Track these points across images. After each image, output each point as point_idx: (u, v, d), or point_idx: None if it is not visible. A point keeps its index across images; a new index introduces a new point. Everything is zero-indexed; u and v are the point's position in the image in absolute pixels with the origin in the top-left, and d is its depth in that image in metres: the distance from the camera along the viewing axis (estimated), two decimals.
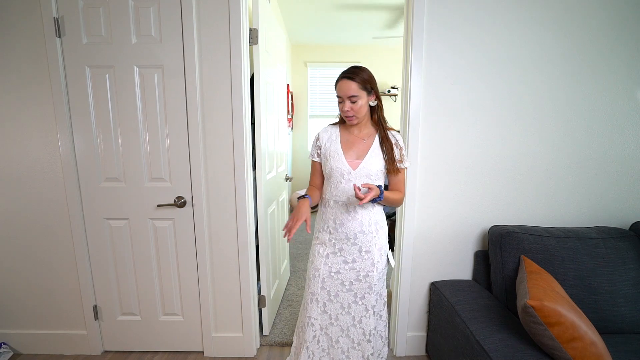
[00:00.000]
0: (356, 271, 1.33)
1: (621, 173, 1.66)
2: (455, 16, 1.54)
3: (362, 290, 1.33)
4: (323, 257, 1.35)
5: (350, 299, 1.34)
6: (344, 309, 1.35)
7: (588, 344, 1.03)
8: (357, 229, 1.31)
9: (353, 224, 1.31)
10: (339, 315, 1.35)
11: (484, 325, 1.28)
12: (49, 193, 1.67)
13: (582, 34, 1.55)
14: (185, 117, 1.60)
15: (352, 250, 1.33)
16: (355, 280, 1.33)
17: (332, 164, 1.32)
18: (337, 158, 1.32)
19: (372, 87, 1.28)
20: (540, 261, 1.43)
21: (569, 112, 1.62)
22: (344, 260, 1.34)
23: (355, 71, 1.26)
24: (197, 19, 1.53)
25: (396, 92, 4.98)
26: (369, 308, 1.34)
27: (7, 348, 1.79)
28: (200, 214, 1.68)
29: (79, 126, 1.61)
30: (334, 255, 1.34)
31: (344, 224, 1.31)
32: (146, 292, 1.77)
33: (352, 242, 1.32)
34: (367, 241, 1.33)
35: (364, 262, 1.33)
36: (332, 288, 1.34)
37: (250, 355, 1.83)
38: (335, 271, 1.34)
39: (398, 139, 1.36)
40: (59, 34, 1.52)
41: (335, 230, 1.33)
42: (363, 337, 1.35)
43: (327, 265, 1.34)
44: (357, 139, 1.35)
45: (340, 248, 1.34)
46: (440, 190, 1.68)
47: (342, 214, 1.31)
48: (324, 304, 1.35)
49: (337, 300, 1.35)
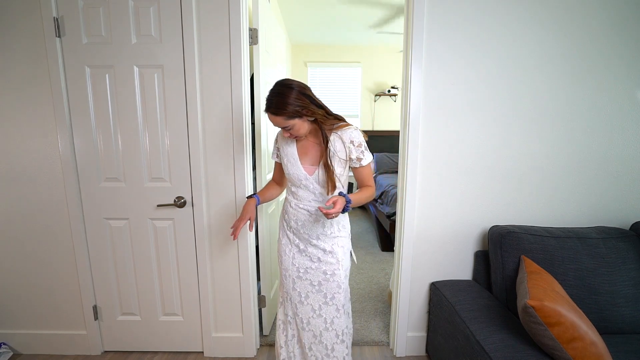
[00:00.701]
0: (322, 270, 1.33)
1: (621, 173, 1.66)
2: (455, 16, 1.54)
3: (332, 290, 1.33)
4: (290, 258, 1.35)
5: (320, 300, 1.34)
6: (315, 311, 1.34)
7: (588, 344, 1.03)
8: (319, 230, 1.31)
9: (315, 225, 1.30)
10: (310, 319, 1.35)
11: (484, 325, 1.28)
12: (48, 193, 1.67)
13: (582, 34, 1.55)
14: (185, 117, 1.59)
15: (315, 251, 1.33)
16: (323, 280, 1.33)
17: (289, 170, 1.30)
18: (293, 164, 1.29)
19: (302, 108, 1.16)
20: (540, 261, 1.43)
21: (569, 112, 1.62)
22: (309, 259, 1.34)
23: (277, 103, 1.14)
24: (197, 19, 1.53)
25: (396, 92, 4.97)
26: (339, 307, 1.33)
27: (7, 348, 1.79)
28: (200, 214, 1.67)
29: (79, 126, 1.60)
30: (300, 254, 1.35)
31: (305, 225, 1.31)
32: (146, 292, 1.77)
33: (315, 242, 1.32)
34: (329, 240, 1.32)
35: (328, 260, 1.32)
36: (302, 289, 1.35)
37: (250, 355, 1.83)
38: (303, 271, 1.34)
39: (353, 137, 1.24)
40: (59, 34, 1.52)
41: (297, 231, 1.33)
42: (336, 339, 1.34)
43: (295, 265, 1.34)
44: (312, 143, 1.30)
45: (304, 248, 1.34)
46: (440, 190, 1.68)
47: (304, 216, 1.31)
48: (295, 305, 1.36)
49: (308, 302, 1.34)
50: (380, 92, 5.05)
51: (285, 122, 1.18)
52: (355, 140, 1.25)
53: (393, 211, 3.26)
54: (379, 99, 5.16)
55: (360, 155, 1.25)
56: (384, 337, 1.97)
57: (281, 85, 1.18)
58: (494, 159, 1.65)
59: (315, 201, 1.29)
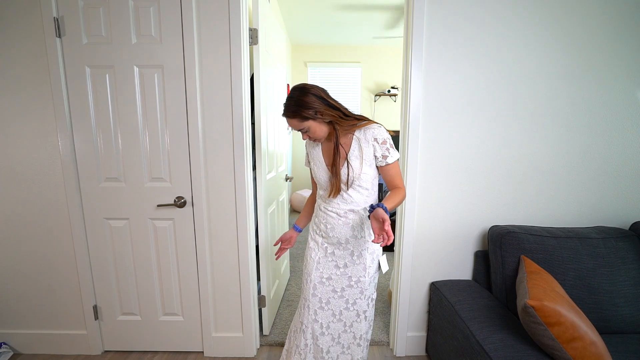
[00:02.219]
0: (348, 277, 1.32)
1: (621, 173, 1.66)
2: (456, 16, 1.54)
3: (354, 296, 1.32)
4: (315, 262, 1.34)
5: (342, 306, 1.33)
6: (335, 316, 1.34)
7: (588, 344, 1.03)
8: (349, 233, 1.29)
9: (345, 228, 1.29)
10: (330, 324, 1.34)
11: (484, 325, 1.28)
12: (49, 193, 1.67)
13: (582, 33, 1.56)
14: (185, 117, 1.60)
15: (343, 254, 1.32)
16: (347, 287, 1.32)
17: (317, 173, 1.31)
18: (319, 167, 1.30)
19: (315, 111, 1.18)
20: (540, 261, 1.43)
21: (569, 112, 1.62)
22: (335, 265, 1.32)
23: (292, 107, 1.18)
24: (197, 19, 1.53)
25: (396, 92, 4.97)
26: (360, 313, 1.33)
27: (7, 348, 1.79)
28: (200, 214, 1.68)
29: (79, 126, 1.61)
30: (326, 259, 1.33)
31: (335, 228, 1.30)
32: (146, 292, 1.77)
33: (344, 246, 1.31)
34: (359, 245, 1.31)
35: (355, 267, 1.31)
36: (323, 295, 1.34)
37: (250, 355, 1.83)
38: (326, 277, 1.33)
39: (377, 135, 1.23)
40: (59, 34, 1.52)
41: (327, 234, 1.33)
42: (353, 340, 1.34)
43: (319, 270, 1.34)
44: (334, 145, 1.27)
45: (332, 252, 1.33)
46: (440, 190, 1.68)
47: (333, 218, 1.30)
48: (315, 311, 1.34)
49: (329, 307, 1.34)
50: (380, 92, 5.05)
51: (300, 125, 1.20)
52: (379, 138, 1.22)
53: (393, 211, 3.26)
54: (379, 99, 5.16)
55: (386, 153, 1.22)
56: (384, 336, 1.97)
57: (295, 89, 1.21)
58: (494, 159, 1.65)
59: (343, 203, 1.28)
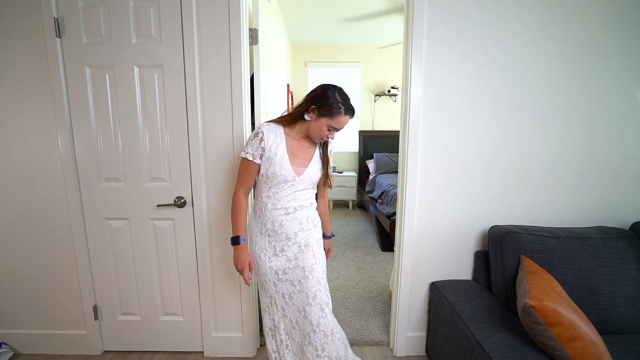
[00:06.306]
0: (301, 267, 1.34)
1: (621, 173, 1.66)
2: (456, 16, 1.54)
3: (313, 288, 1.33)
4: (266, 262, 1.35)
5: (304, 301, 1.33)
6: (300, 312, 1.34)
7: (588, 344, 1.03)
8: (296, 227, 1.34)
9: (293, 223, 1.33)
10: (298, 319, 1.36)
11: (484, 325, 1.28)
12: (49, 193, 1.67)
13: (582, 33, 1.56)
14: (185, 117, 1.60)
15: (292, 248, 1.35)
16: (302, 279, 1.34)
17: (277, 170, 1.28)
18: (282, 164, 1.29)
19: None
20: (540, 261, 1.43)
21: (569, 112, 1.62)
22: (286, 259, 1.35)
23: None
24: (197, 19, 1.53)
25: (396, 92, 4.97)
26: (323, 306, 1.33)
27: (7, 348, 1.79)
28: (200, 214, 1.68)
29: (79, 126, 1.61)
30: (276, 257, 1.35)
31: (283, 225, 1.33)
32: (146, 292, 1.77)
33: (293, 240, 1.34)
34: (305, 236, 1.36)
35: (304, 255, 1.34)
36: (285, 290, 1.36)
37: (250, 355, 1.83)
38: (281, 272, 1.35)
39: (332, 148, 1.44)
40: (59, 34, 1.52)
41: (274, 232, 1.34)
42: (325, 339, 1.34)
43: (273, 268, 1.35)
44: (301, 146, 1.34)
45: (281, 249, 1.35)
46: (440, 190, 1.68)
47: (281, 216, 1.32)
48: (282, 307, 1.37)
49: (292, 302, 1.36)
50: (380, 92, 5.05)
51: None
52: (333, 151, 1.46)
53: (393, 211, 3.26)
54: (379, 99, 5.16)
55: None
56: (384, 337, 1.97)
57: (341, 88, 1.29)
58: (494, 159, 1.65)
59: (294, 200, 1.33)
